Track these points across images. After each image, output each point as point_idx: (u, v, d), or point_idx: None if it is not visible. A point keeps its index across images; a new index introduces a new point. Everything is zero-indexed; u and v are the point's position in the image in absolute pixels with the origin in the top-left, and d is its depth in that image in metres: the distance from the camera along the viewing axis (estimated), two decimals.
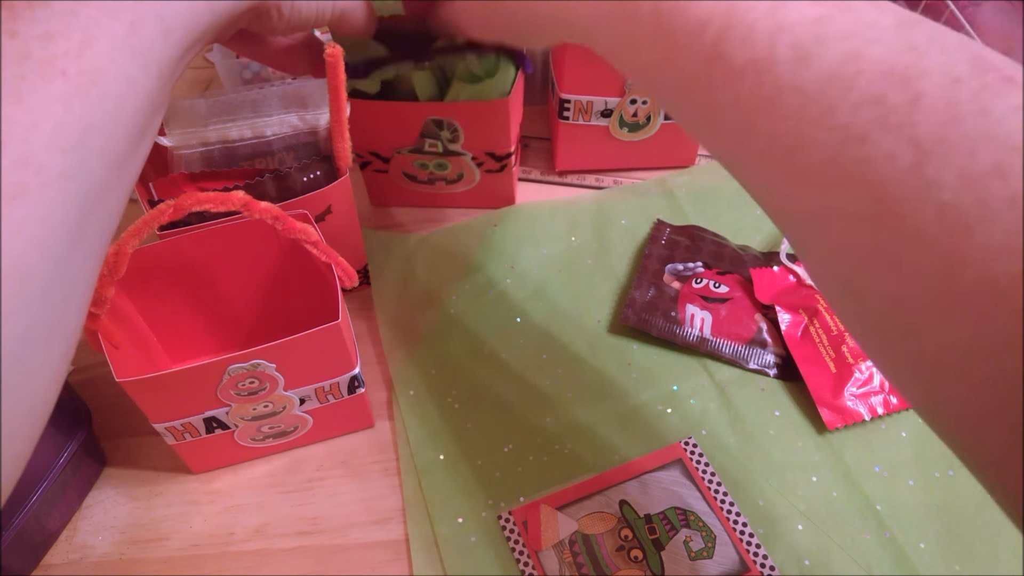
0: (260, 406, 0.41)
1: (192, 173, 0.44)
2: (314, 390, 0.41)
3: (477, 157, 0.52)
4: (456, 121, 0.49)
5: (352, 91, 0.48)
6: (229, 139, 0.45)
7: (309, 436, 0.45)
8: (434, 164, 0.53)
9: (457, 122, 0.49)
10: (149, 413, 0.39)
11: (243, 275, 0.45)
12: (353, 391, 0.42)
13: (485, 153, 0.52)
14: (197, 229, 0.41)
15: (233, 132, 0.45)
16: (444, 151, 0.51)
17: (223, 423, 0.41)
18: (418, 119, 0.49)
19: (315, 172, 0.44)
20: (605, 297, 0.51)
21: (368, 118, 0.49)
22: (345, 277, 0.40)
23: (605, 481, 0.42)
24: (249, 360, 0.37)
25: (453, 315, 0.50)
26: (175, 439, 0.41)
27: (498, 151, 0.52)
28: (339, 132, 0.42)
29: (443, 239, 0.55)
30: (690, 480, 0.42)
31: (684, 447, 0.44)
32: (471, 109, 0.48)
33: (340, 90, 0.39)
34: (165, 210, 0.35)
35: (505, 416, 0.46)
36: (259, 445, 0.44)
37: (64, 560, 0.41)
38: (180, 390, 0.38)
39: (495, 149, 0.52)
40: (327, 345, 0.39)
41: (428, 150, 0.52)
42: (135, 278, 0.40)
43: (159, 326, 0.45)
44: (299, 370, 0.39)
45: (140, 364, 0.42)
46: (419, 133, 0.50)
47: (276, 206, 0.37)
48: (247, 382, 0.39)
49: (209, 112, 0.45)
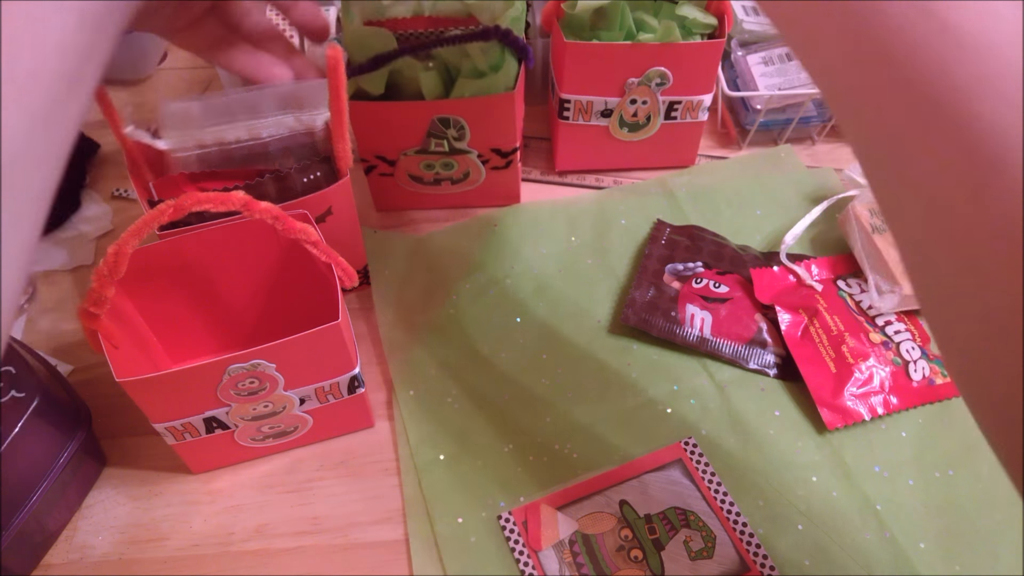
0: (260, 406, 0.41)
1: (192, 173, 0.44)
2: (314, 390, 0.41)
3: (483, 154, 0.52)
4: (463, 118, 0.49)
5: (357, 93, 0.48)
6: (225, 141, 0.45)
7: (309, 436, 0.45)
8: (440, 164, 0.53)
9: (464, 119, 0.49)
10: (149, 413, 0.39)
11: (243, 275, 0.45)
12: (353, 391, 0.42)
13: (491, 150, 0.52)
14: (197, 229, 0.41)
15: (229, 134, 0.45)
16: (450, 150, 0.51)
17: (223, 423, 0.41)
18: (424, 118, 0.49)
19: (315, 173, 0.44)
20: (605, 297, 0.51)
21: (374, 120, 0.49)
22: (345, 277, 0.40)
23: (605, 481, 0.42)
24: (249, 360, 0.37)
25: (453, 315, 0.50)
26: (175, 439, 0.41)
27: (504, 147, 0.52)
28: (340, 133, 0.42)
29: (443, 239, 0.55)
30: (690, 480, 0.42)
31: (684, 447, 0.44)
32: (477, 105, 0.48)
33: (341, 91, 0.39)
34: (165, 210, 0.35)
35: (505, 416, 0.46)
36: (259, 445, 0.44)
37: (64, 560, 0.41)
38: (180, 390, 0.38)
39: (501, 145, 0.52)
40: (327, 345, 0.39)
41: (434, 150, 0.51)
42: (135, 278, 0.40)
43: (159, 326, 0.45)
44: (299, 370, 0.39)
45: (140, 364, 0.42)
46: (425, 133, 0.50)
47: (276, 206, 0.37)
48: (247, 382, 0.39)
49: (204, 114, 0.44)
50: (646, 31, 0.51)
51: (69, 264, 0.55)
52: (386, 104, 0.48)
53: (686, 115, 0.55)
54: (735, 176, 0.58)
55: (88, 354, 0.50)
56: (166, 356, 0.47)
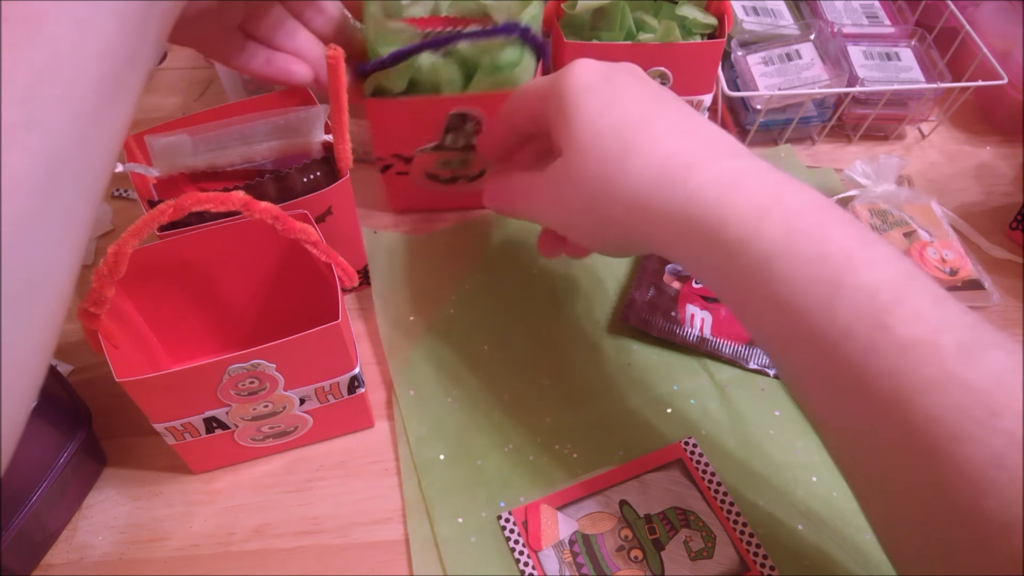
0: (260, 406, 0.41)
1: (193, 173, 0.44)
2: (314, 390, 0.41)
3: None
4: (481, 112, 0.49)
5: (376, 90, 0.48)
6: (218, 166, 0.44)
7: (309, 436, 0.45)
8: (457, 161, 0.53)
9: (482, 113, 0.49)
10: (149, 413, 0.39)
11: (243, 275, 0.45)
12: (353, 391, 0.42)
13: None
14: (197, 229, 0.41)
15: (221, 160, 0.44)
16: (467, 146, 0.52)
17: (223, 423, 0.41)
18: (442, 113, 0.49)
19: (315, 173, 0.43)
20: (605, 297, 0.51)
21: (392, 116, 0.49)
22: (345, 277, 0.40)
23: (605, 481, 0.42)
24: (249, 360, 0.37)
25: (453, 315, 0.50)
26: (175, 439, 0.41)
27: None
28: (339, 134, 0.42)
29: (444, 239, 0.55)
30: (690, 480, 0.42)
31: (684, 447, 0.44)
32: (495, 100, 0.48)
33: (341, 91, 0.39)
34: (165, 210, 0.35)
35: (505, 416, 0.46)
36: (259, 445, 0.44)
37: (64, 560, 0.41)
38: (180, 390, 0.38)
39: None
40: (327, 345, 0.39)
41: (451, 146, 0.52)
42: (135, 278, 0.40)
43: (159, 326, 0.45)
44: (299, 370, 0.39)
45: (140, 364, 0.42)
46: (443, 128, 0.50)
47: (276, 206, 0.37)
48: (247, 382, 0.39)
49: (195, 147, 0.44)
50: (646, 31, 0.51)
51: None
52: (405, 100, 0.48)
53: None
54: None
55: (88, 354, 0.50)
56: (166, 356, 0.47)
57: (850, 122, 0.62)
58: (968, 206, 0.58)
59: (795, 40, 0.62)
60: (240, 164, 0.45)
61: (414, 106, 0.48)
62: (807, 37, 0.62)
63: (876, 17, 0.66)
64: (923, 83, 0.60)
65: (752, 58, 0.61)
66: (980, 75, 0.59)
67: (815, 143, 0.63)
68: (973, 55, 0.60)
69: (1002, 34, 0.62)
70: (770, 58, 0.61)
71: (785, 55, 0.61)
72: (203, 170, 0.44)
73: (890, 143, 0.63)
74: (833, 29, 0.63)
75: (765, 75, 0.60)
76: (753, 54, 0.61)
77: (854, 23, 0.65)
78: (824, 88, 0.58)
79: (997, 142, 0.63)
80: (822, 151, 0.62)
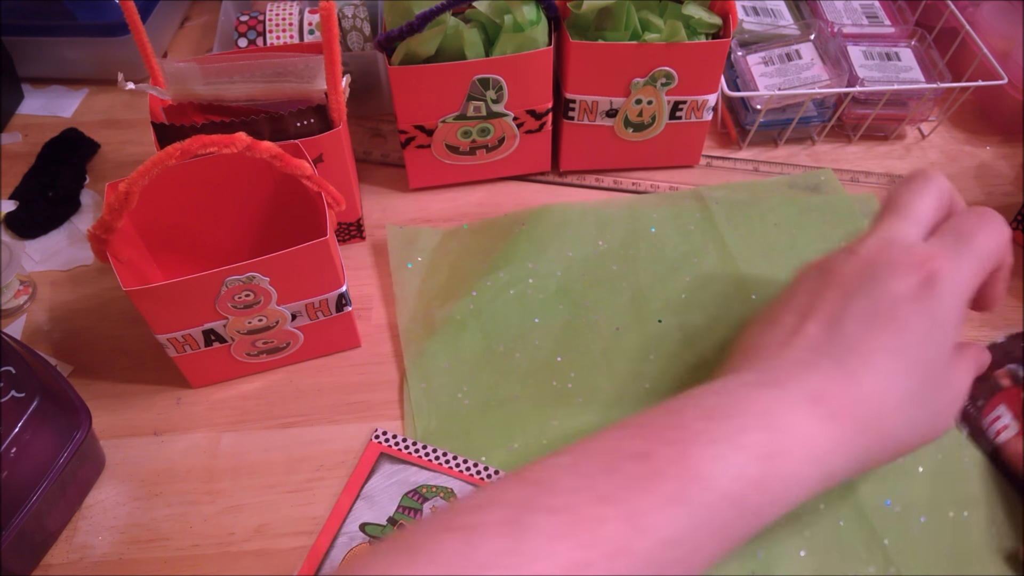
0: (255, 319, 0.43)
1: (200, 104, 0.47)
2: (305, 306, 0.44)
3: (518, 117, 0.54)
4: (502, 78, 0.50)
5: (405, 57, 0.49)
6: (223, 98, 0.47)
7: (300, 354, 0.48)
8: (477, 130, 0.54)
9: (503, 79, 0.50)
10: (153, 324, 0.42)
11: (239, 205, 0.48)
12: (341, 309, 0.46)
13: (526, 111, 0.54)
14: (197, 158, 0.42)
15: (227, 93, 0.47)
16: (488, 114, 0.52)
17: (220, 336, 0.44)
18: (465, 79, 0.50)
19: (309, 119, 0.46)
20: (626, 305, 0.50)
21: (416, 85, 0.50)
22: (333, 202, 0.43)
23: None
24: (245, 272, 0.41)
25: (472, 311, 0.50)
26: (176, 351, 0.44)
27: (538, 107, 0.54)
28: (333, 84, 0.44)
29: (468, 235, 0.55)
30: None
31: None
32: (516, 63, 0.50)
33: (334, 43, 0.42)
34: (172, 152, 0.37)
35: (514, 415, 0.45)
36: (253, 360, 0.47)
37: (64, 560, 0.41)
38: (181, 301, 0.41)
39: (536, 105, 0.53)
40: (316, 260, 0.42)
41: (472, 115, 0.53)
42: (138, 205, 0.41)
43: (158, 251, 0.48)
44: (291, 285, 0.43)
45: (144, 279, 0.45)
46: (465, 96, 0.51)
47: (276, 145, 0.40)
48: (243, 295, 0.42)
49: (205, 77, 0.47)
50: (651, 31, 0.51)
51: (69, 264, 0.54)
52: (428, 67, 0.49)
53: (691, 115, 0.55)
54: (772, 194, 0.57)
55: (88, 355, 0.50)
56: (164, 278, 0.49)
57: (850, 122, 0.62)
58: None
59: (795, 40, 0.62)
60: (244, 101, 0.47)
61: (437, 73, 0.49)
62: (807, 37, 0.62)
63: (876, 17, 0.66)
64: (923, 83, 0.60)
65: (752, 58, 0.61)
66: (980, 75, 0.59)
67: (815, 143, 0.63)
68: (973, 55, 0.60)
69: (1002, 34, 0.62)
70: (770, 58, 0.61)
71: (785, 55, 0.61)
72: (210, 101, 0.47)
73: (890, 143, 0.63)
74: (833, 29, 0.63)
75: (765, 75, 0.60)
76: (753, 54, 0.62)
77: (854, 23, 0.65)
78: (824, 88, 0.58)
79: (997, 142, 0.64)
80: (822, 151, 0.62)
